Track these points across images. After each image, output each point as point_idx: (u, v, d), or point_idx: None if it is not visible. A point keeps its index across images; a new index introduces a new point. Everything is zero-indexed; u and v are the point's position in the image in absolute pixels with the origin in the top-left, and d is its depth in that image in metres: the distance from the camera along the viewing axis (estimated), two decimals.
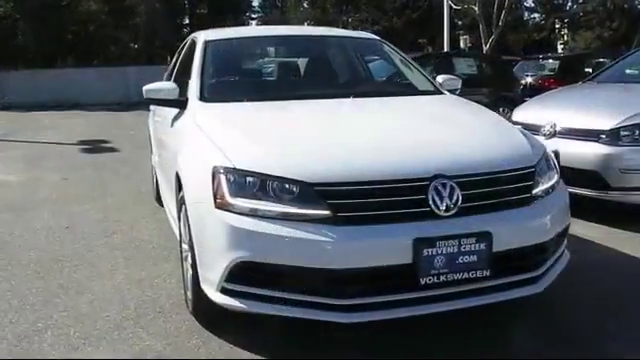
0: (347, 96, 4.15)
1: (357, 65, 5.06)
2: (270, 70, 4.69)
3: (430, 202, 2.89)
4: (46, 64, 27.09)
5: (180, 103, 4.16)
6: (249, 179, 2.97)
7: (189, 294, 3.58)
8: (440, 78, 4.71)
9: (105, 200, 6.93)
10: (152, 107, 6.35)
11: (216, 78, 4.36)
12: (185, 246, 3.69)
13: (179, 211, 3.75)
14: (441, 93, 4.49)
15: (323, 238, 2.78)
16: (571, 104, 6.14)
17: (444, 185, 2.91)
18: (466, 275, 2.90)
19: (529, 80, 14.11)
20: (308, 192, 2.86)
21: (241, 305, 2.97)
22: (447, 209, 2.89)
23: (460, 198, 2.92)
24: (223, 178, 3.00)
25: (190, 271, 3.43)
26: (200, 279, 3.18)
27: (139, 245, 5.14)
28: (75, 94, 22.50)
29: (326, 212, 2.82)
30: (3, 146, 11.98)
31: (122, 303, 3.91)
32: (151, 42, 34.76)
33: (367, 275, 2.86)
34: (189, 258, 3.48)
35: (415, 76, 4.75)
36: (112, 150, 11.35)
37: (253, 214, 2.91)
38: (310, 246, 2.79)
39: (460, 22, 39.11)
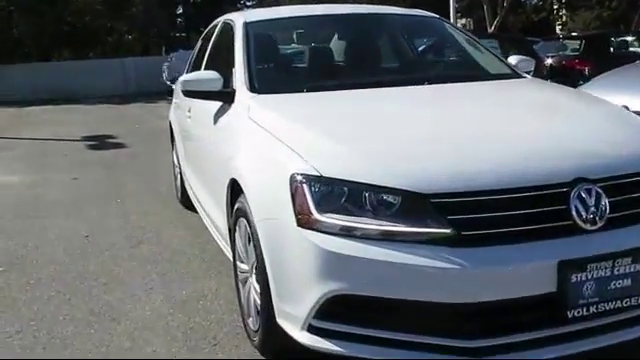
0: (420, 82, 3.55)
1: (409, 45, 4.42)
2: (325, 54, 4.06)
3: (573, 213, 2.30)
4: (42, 57, 26.33)
5: (226, 96, 3.55)
6: (339, 189, 2.37)
7: (251, 324, 3.01)
8: (513, 59, 4.12)
9: (123, 202, 6.32)
10: (176, 100, 5.73)
11: (265, 65, 3.74)
12: (243, 266, 3.11)
13: (234, 224, 3.16)
14: (520, 76, 3.90)
15: (446, 264, 2.19)
16: None
17: (588, 191, 2.32)
18: (619, 304, 2.31)
19: (550, 61, 13.46)
20: (421, 205, 2.26)
21: (335, 347, 2.37)
22: (593, 221, 2.31)
23: (607, 207, 2.33)
24: (306, 188, 2.40)
25: (256, 299, 2.85)
26: (275, 312, 2.59)
27: (172, 257, 4.54)
28: (73, 87, 21.80)
29: (446, 230, 2.23)
30: (2, 144, 11.31)
31: (168, 333, 3.32)
32: (146, 33, 33.96)
33: (500, 309, 2.27)
34: (252, 282, 2.90)
35: (486, 58, 4.16)
36: (120, 146, 10.70)
37: (347, 234, 2.32)
38: (428, 275, 2.20)
39: (457, 5, 38.24)
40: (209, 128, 3.78)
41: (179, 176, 5.88)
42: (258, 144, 2.93)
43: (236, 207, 3.07)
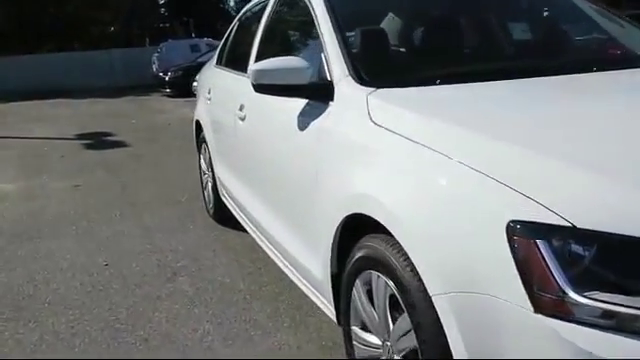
0: (587, 68, 2.58)
1: (556, 22, 3.42)
2: (445, 32, 3.01)
3: None
4: (26, 50, 25.11)
5: (319, 90, 2.55)
6: (605, 250, 1.41)
7: None
8: None
9: (140, 216, 5.33)
10: (207, 94, 4.71)
11: (369, 49, 2.71)
12: (369, 338, 2.20)
13: (353, 276, 2.19)
14: None
15: None
16: None
17: None
18: None
19: None
20: None
21: None
22: None
23: None
24: (545, 249, 1.43)
25: None
26: None
27: (223, 296, 3.57)
28: (59, 81, 20.82)
29: None
30: None
31: None
32: (130, 23, 32.76)
33: None
34: None
35: (632, 35, 3.21)
36: (120, 145, 9.68)
37: (617, 326, 1.36)
38: None
39: None
40: (288, 134, 2.78)
41: (209, 185, 4.90)
42: (410, 166, 1.93)
43: (361, 254, 2.10)
